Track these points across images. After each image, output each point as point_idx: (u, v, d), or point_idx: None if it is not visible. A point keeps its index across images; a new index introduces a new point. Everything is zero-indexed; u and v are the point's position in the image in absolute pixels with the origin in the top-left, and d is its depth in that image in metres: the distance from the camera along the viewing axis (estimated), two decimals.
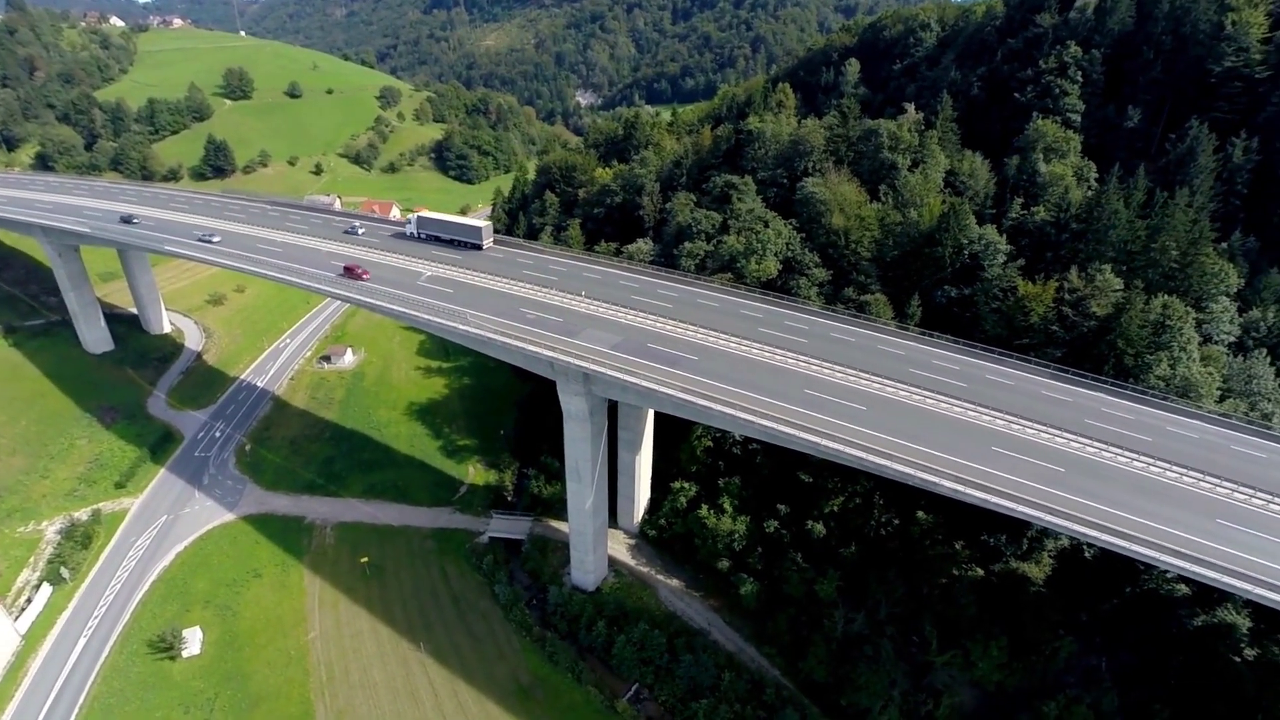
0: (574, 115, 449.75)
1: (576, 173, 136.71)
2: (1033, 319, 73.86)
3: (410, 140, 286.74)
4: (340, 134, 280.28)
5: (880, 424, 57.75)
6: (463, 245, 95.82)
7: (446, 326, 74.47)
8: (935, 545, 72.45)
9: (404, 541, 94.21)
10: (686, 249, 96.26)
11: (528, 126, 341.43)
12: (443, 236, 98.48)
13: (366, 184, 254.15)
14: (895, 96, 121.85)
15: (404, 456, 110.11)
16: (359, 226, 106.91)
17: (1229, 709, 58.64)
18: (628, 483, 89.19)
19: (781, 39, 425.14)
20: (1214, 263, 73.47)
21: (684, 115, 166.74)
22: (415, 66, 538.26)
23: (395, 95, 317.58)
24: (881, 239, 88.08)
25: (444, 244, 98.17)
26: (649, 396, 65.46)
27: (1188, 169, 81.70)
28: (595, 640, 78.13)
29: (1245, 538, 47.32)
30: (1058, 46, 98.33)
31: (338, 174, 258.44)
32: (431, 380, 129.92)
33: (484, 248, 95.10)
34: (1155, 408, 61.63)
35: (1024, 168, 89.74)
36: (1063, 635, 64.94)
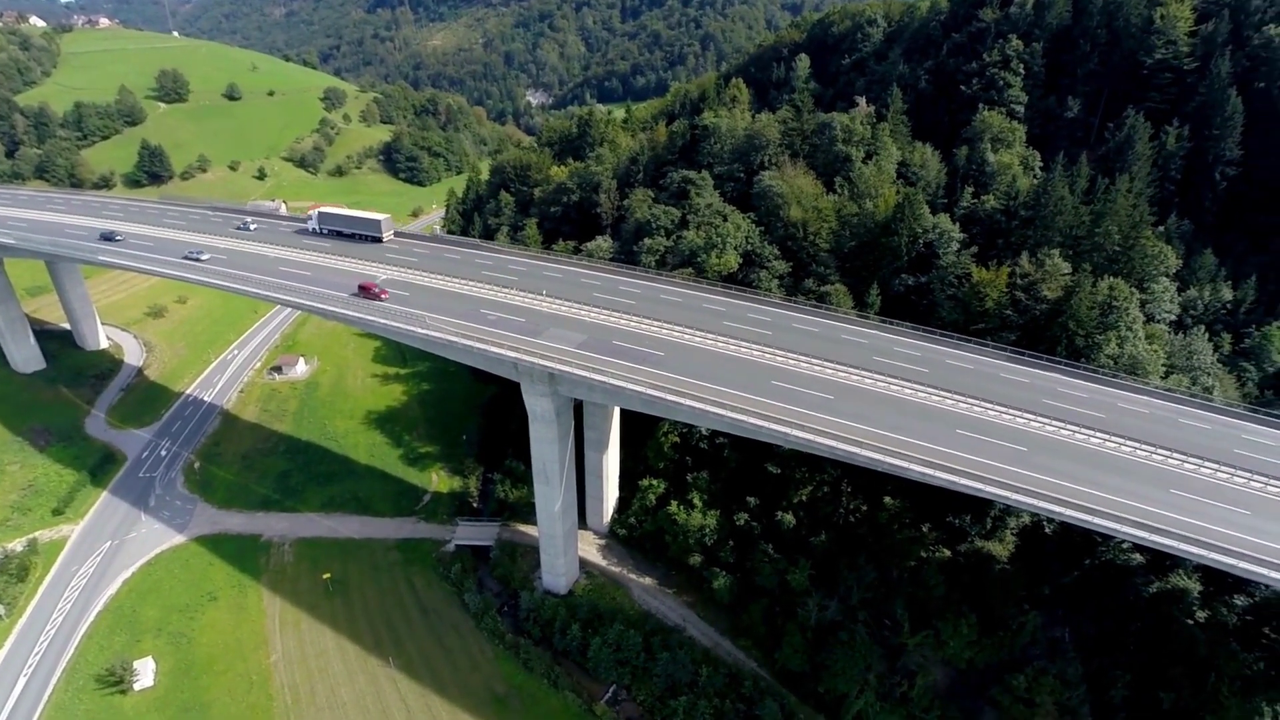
0: (525, 115, 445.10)
1: (531, 171, 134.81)
2: (988, 304, 75.69)
3: (357, 142, 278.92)
4: (284, 137, 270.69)
5: (847, 412, 58.26)
6: (365, 239, 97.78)
7: (404, 330, 72.27)
8: (903, 529, 73.57)
9: (367, 554, 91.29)
10: (646, 245, 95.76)
11: (478, 127, 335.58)
12: (344, 231, 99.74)
13: (313, 188, 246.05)
14: (845, 91, 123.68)
15: (363, 467, 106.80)
16: (251, 222, 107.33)
17: (1185, 670, 61.18)
18: (596, 483, 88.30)
19: (730, 36, 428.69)
20: (1154, 245, 76.60)
21: (638, 112, 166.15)
22: (360, 67, 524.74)
23: (340, 96, 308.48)
24: (839, 230, 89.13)
25: (346, 239, 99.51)
26: (617, 394, 64.70)
27: (1126, 156, 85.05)
28: (570, 644, 77.03)
29: (1197, 505, 49.36)
30: (1000, 40, 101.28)
31: (282, 178, 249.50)
32: (389, 387, 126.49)
33: (384, 240, 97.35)
34: (1107, 385, 63.86)
35: (973, 158, 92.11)
36: (1028, 610, 66.77)
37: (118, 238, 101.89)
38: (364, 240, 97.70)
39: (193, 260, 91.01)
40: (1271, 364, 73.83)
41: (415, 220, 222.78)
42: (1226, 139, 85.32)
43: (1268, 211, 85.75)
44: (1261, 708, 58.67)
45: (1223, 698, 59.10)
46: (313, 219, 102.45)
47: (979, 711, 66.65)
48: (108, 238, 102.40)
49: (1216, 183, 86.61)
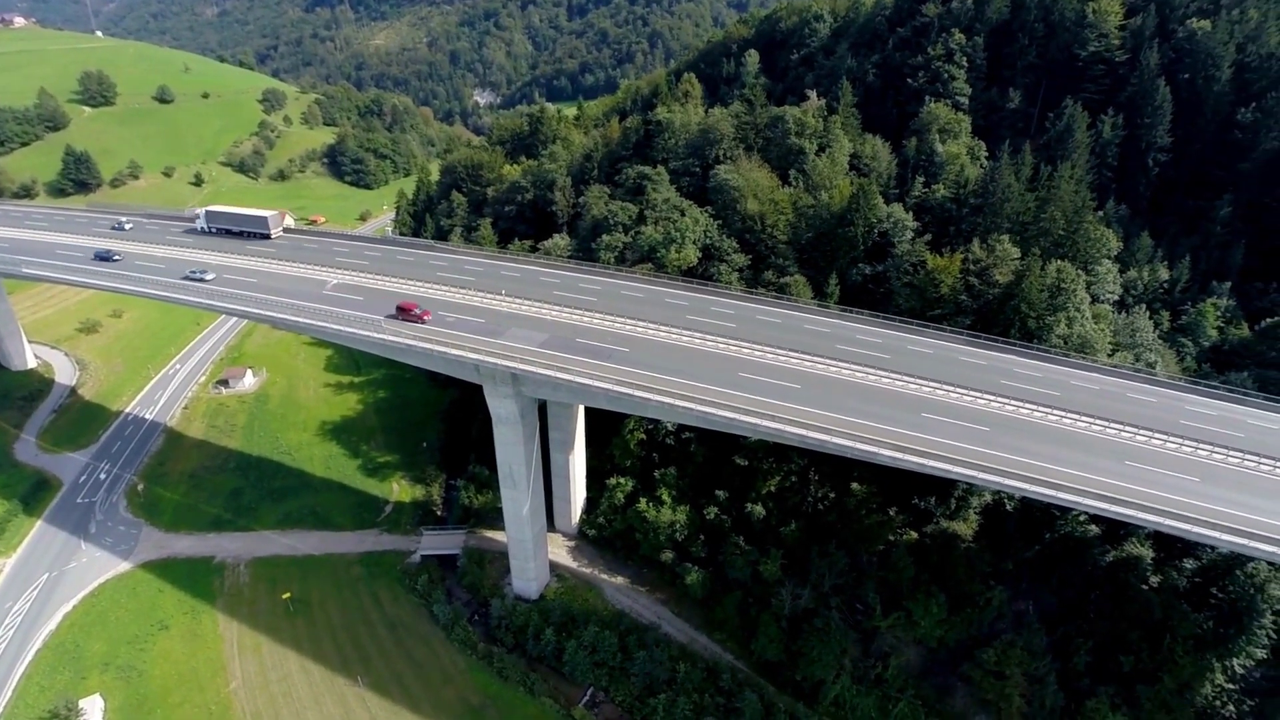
0: (473, 115, 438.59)
1: (483, 171, 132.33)
2: (943, 290, 77.35)
3: (300, 145, 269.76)
4: (221, 141, 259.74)
5: (815, 400, 58.64)
6: (253, 236, 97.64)
7: (360, 336, 69.72)
8: (871, 514, 74.56)
9: (329, 571, 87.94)
10: (605, 242, 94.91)
11: (426, 128, 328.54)
12: (233, 229, 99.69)
13: (254, 193, 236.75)
14: (795, 85, 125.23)
15: (320, 480, 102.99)
16: (126, 222, 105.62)
17: (1142, 634, 63.83)
18: (563, 484, 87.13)
19: (678, 34, 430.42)
20: (1096, 229, 79.61)
21: (589, 110, 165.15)
22: (300, 68, 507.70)
23: (280, 98, 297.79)
24: (796, 222, 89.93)
25: (233, 236, 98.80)
26: (582, 392, 63.73)
27: (1066, 145, 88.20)
28: (545, 649, 75.69)
29: (1151, 475, 51.36)
30: (943, 34, 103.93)
31: (221, 184, 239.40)
32: (343, 397, 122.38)
33: (272, 236, 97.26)
34: (1059, 364, 65.98)
35: (922, 148, 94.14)
36: (993, 586, 68.54)
37: (115, 257, 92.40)
38: (253, 237, 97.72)
39: (196, 281, 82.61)
40: (1207, 339, 77.66)
41: (363, 224, 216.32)
42: (1157, 127, 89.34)
43: (1196, 196, 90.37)
44: (1212, 663, 61.87)
45: (1177, 657, 61.88)
46: (201, 217, 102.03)
47: (952, 688, 68.16)
48: (104, 258, 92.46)
49: (1150, 169, 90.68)
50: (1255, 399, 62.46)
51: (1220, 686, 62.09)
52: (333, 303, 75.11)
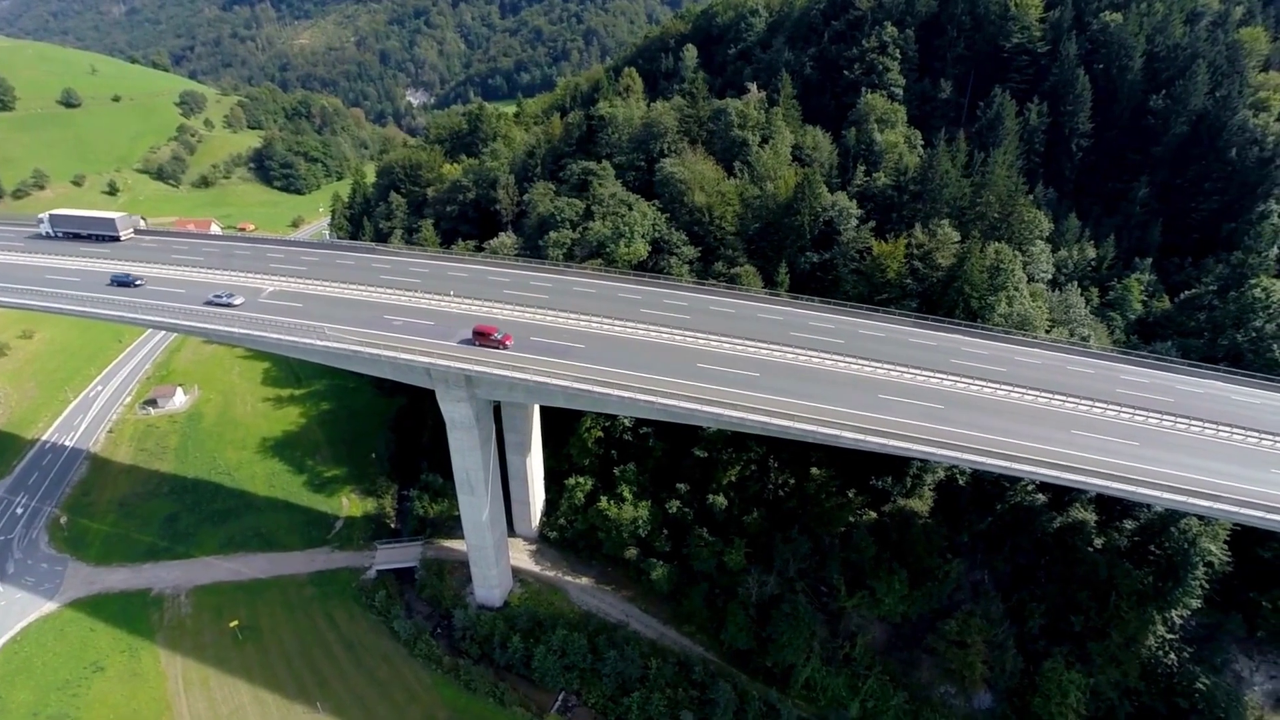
0: (407, 115, 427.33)
1: (422, 171, 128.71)
2: (889, 275, 79.21)
3: (223, 150, 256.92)
4: (136, 147, 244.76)
5: (775, 387, 58.97)
6: (102, 239, 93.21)
7: (301, 344, 66.26)
8: (831, 498, 75.77)
9: (278, 594, 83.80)
10: (552, 239, 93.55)
11: (358, 129, 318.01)
12: (82, 232, 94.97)
13: (176, 201, 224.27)
14: (734, 79, 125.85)
15: (264, 499, 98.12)
16: None
17: (1090, 594, 67.09)
18: (521, 487, 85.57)
19: (613, 31, 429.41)
20: (1029, 212, 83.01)
21: (529, 107, 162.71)
22: (219, 69, 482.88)
23: (200, 101, 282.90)
24: (743, 213, 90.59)
25: (84, 239, 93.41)
26: (540, 391, 62.36)
27: (997, 132, 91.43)
28: (513, 657, 74.05)
29: (1096, 442, 53.83)
30: (876, 27, 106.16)
31: (138, 193, 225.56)
32: (284, 410, 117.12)
33: (121, 239, 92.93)
34: (1003, 342, 68.41)
35: (861, 138, 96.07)
36: (950, 559, 70.70)
37: (138, 283, 79.51)
38: (103, 240, 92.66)
39: (223, 306, 72.77)
40: (1133, 312, 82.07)
41: (297, 230, 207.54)
42: (1079, 114, 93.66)
43: (1115, 178, 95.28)
44: (1153, 616, 65.73)
45: (1122, 613, 65.33)
46: (45, 222, 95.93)
47: (917, 660, 70.01)
48: (123, 282, 79.43)
49: (1073, 154, 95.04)
50: (1180, 366, 66.27)
51: (1162, 637, 65.93)
52: (270, 311, 71.19)
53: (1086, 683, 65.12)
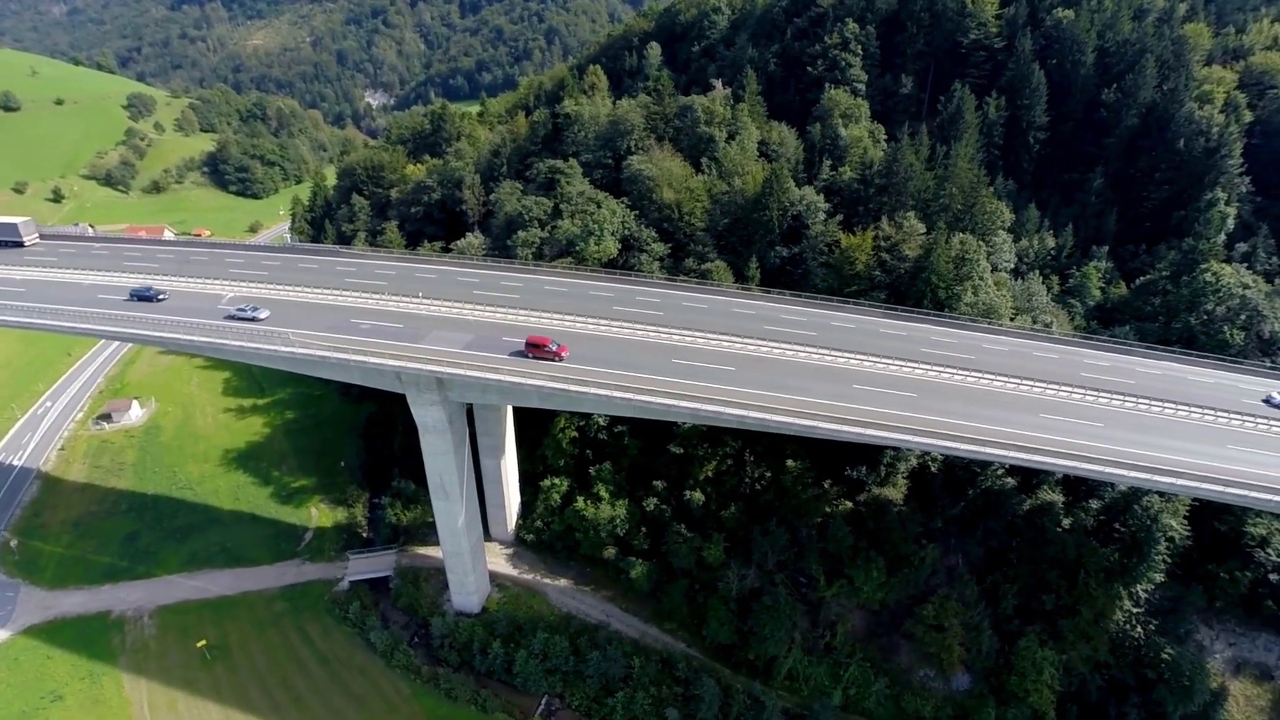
0: (366, 117, 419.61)
1: (385, 172, 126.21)
2: (858, 267, 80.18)
3: (175, 154, 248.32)
4: (83, 152, 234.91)
5: (750, 380, 59.13)
6: (3, 244, 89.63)
7: (265, 351, 64.14)
8: (807, 489, 76.31)
9: (247, 611, 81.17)
10: (521, 238, 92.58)
11: (316, 131, 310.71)
12: None
13: (126, 208, 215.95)
14: (698, 77, 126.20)
15: (229, 514, 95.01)
16: None
17: (1060, 573, 69.02)
18: (495, 490, 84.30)
19: (575, 30, 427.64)
20: (991, 203, 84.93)
21: (492, 106, 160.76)
22: (168, 71, 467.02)
23: (149, 104, 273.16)
24: (711, 209, 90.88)
25: None
26: (514, 392, 61.53)
27: (958, 125, 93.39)
28: (494, 663, 72.98)
29: (1062, 424, 55.34)
30: (838, 24, 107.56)
31: (85, 199, 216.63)
32: (247, 421, 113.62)
33: (26, 244, 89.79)
34: (970, 330, 69.80)
35: (826, 133, 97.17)
36: (925, 545, 71.89)
37: (161, 297, 74.29)
38: (3, 245, 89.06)
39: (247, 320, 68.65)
40: (1092, 298, 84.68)
41: (255, 235, 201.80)
42: (1035, 108, 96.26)
43: (1071, 169, 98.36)
44: (1120, 591, 67.88)
45: (1091, 590, 67.31)
46: None
47: (896, 646, 71.04)
48: (145, 297, 73.87)
49: (1031, 146, 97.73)
50: (1139, 349, 68.52)
51: (1128, 612, 68.17)
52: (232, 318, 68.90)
53: (1059, 659, 66.94)
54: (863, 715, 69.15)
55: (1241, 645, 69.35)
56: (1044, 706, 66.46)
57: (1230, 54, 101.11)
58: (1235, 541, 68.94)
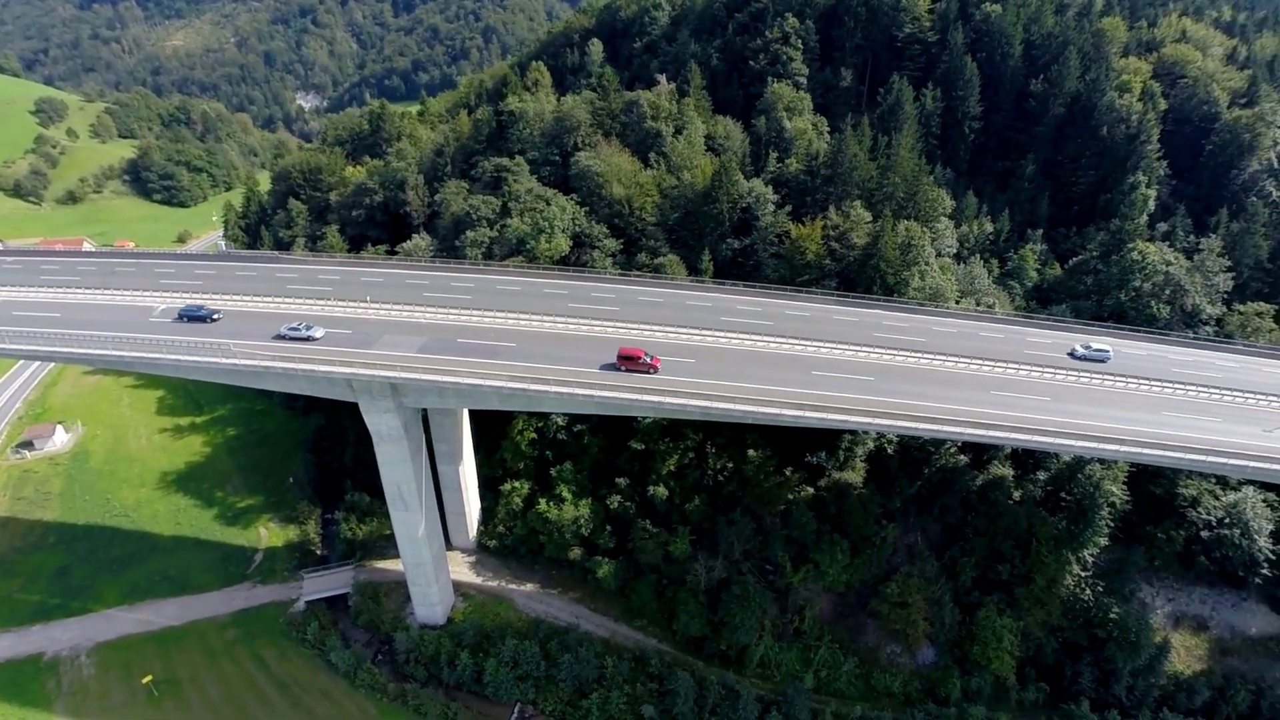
0: (298, 120, 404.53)
1: (323, 174, 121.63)
2: (809, 256, 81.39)
3: (92, 162, 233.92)
4: None
5: (711, 371, 59.35)
6: None
7: (204, 364, 60.68)
8: (769, 477, 77.09)
9: (197, 640, 77.13)
10: (470, 238, 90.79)
11: (245, 136, 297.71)
12: None
13: (39, 220, 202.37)
14: (641, 73, 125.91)
15: (170, 539, 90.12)
16: None
17: (1013, 544, 71.92)
18: (455, 498, 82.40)
19: (512, 28, 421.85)
20: (932, 191, 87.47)
21: (433, 106, 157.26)
22: (80, 74, 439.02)
23: (60, 108, 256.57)
24: (662, 203, 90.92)
25: None
26: (472, 394, 60.14)
27: (897, 116, 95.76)
28: (462, 675, 71.32)
29: (1012, 400, 57.58)
30: (778, 18, 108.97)
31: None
32: (185, 441, 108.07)
33: None
34: (919, 314, 71.72)
35: (771, 125, 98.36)
36: (886, 525, 73.80)
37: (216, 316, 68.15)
38: None
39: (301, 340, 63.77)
40: (1029, 279, 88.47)
41: (184, 246, 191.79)
42: (969, 99, 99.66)
43: (1004, 157, 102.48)
44: (1069, 557, 71.19)
45: (1043, 557, 70.40)
46: None
47: (863, 626, 72.66)
48: (196, 317, 67.58)
49: (967, 135, 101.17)
50: (1076, 326, 71.79)
51: (1077, 576, 71.61)
52: (164, 331, 64.96)
53: (1017, 626, 69.76)
54: (835, 696, 70.48)
55: (1179, 600, 73.66)
56: (1005, 672, 69.14)
57: (1144, 46, 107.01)
58: (1169, 503, 73.16)
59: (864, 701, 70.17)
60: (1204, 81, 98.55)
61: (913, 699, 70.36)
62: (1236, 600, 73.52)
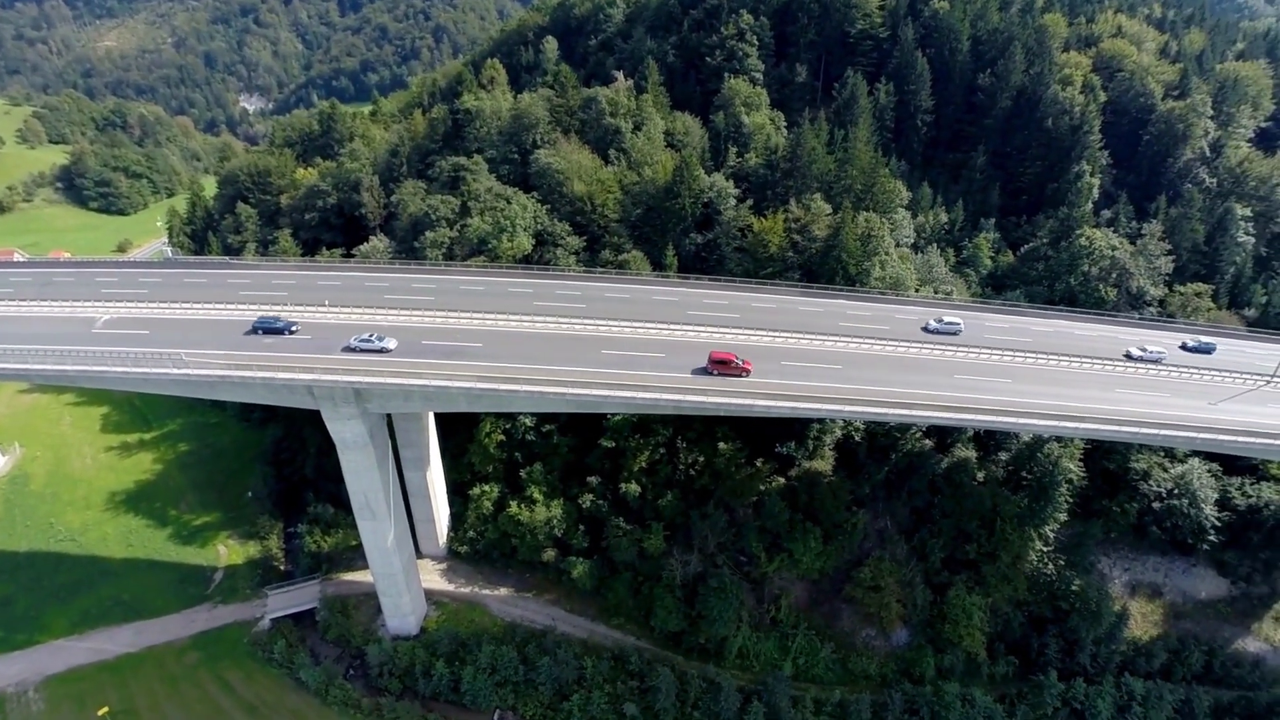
0: (242, 123, 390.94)
1: (273, 177, 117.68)
2: (771, 249, 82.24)
3: (20, 169, 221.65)
4: None
5: (681, 365, 59.36)
6: None
7: (155, 376, 57.80)
8: (740, 469, 77.66)
9: (155, 667, 73.84)
10: (429, 238, 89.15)
11: (187, 140, 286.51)
12: None
13: None
14: (597, 70, 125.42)
15: (122, 563, 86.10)
16: None
17: (979, 523, 74.05)
18: (423, 504, 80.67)
19: (464, 27, 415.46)
20: (889, 183, 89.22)
21: (385, 106, 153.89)
22: (3, 77, 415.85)
23: None
24: (624, 200, 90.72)
25: None
26: (439, 396, 58.87)
27: (853, 111, 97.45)
28: (439, 685, 69.91)
29: (975, 383, 59.22)
30: (733, 15, 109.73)
31: None
32: (134, 458, 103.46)
33: None
34: (881, 303, 73.09)
35: (729, 121, 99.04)
36: (856, 511, 75.02)
37: (294, 328, 64.96)
38: None
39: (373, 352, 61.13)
40: (984, 267, 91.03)
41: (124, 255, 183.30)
42: (920, 93, 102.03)
43: (956, 149, 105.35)
44: (1031, 534, 73.59)
45: (1007, 535, 72.70)
46: None
47: (838, 611, 73.76)
48: (273, 329, 64.42)
49: (919, 129, 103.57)
50: (1030, 310, 74.21)
51: (1040, 551, 74.21)
52: (109, 342, 61.72)
53: (986, 603, 71.81)
54: (813, 682, 71.41)
55: (1135, 569, 76.85)
56: (976, 648, 71.08)
57: (1083, 41, 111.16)
58: (1123, 478, 76.28)
59: (842, 686, 71.27)
60: (1140, 75, 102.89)
61: (889, 680, 71.76)
62: (1187, 566, 77.02)
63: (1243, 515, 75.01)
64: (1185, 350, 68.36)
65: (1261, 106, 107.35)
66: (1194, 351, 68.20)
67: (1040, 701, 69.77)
